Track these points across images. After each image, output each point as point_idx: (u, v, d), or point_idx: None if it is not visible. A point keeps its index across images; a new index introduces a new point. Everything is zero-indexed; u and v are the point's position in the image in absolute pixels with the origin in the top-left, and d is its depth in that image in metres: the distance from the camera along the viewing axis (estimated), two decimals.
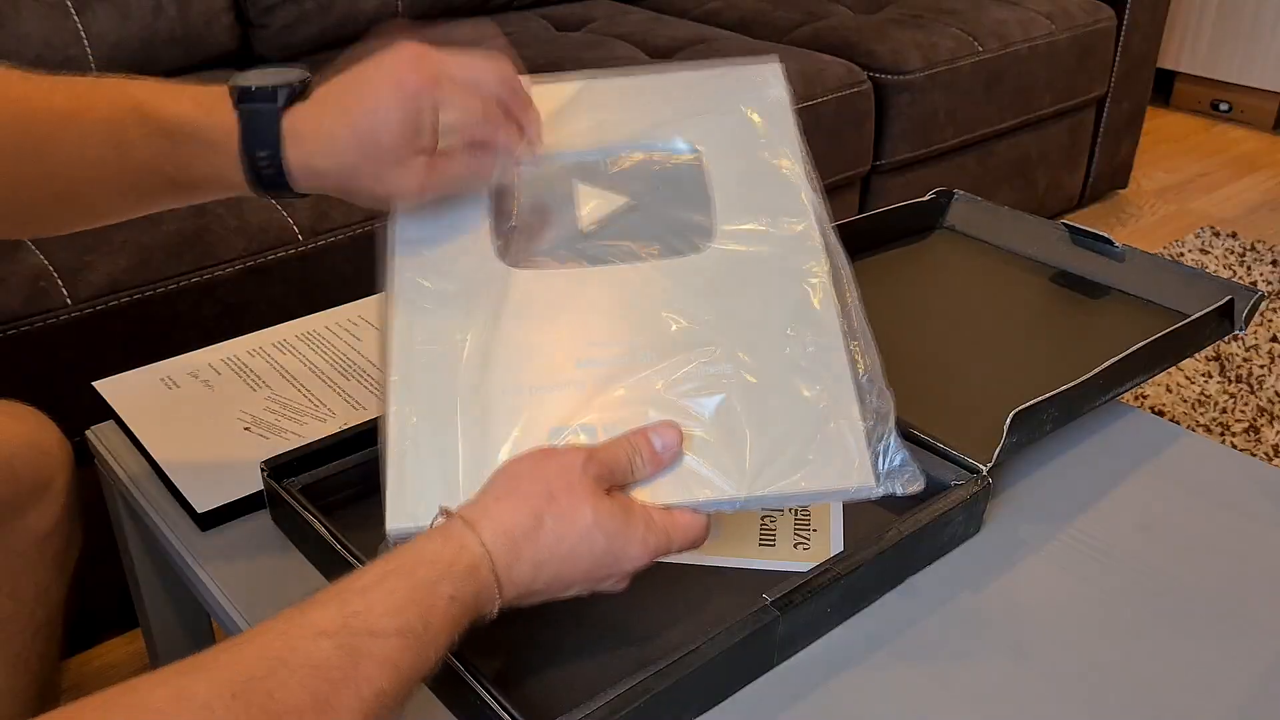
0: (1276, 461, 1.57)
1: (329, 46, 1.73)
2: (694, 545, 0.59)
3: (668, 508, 0.58)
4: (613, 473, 0.57)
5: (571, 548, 0.54)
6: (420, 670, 0.49)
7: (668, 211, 0.69)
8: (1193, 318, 0.85)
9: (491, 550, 0.52)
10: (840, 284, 0.65)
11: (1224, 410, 1.68)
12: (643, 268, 0.66)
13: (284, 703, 0.44)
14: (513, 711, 0.54)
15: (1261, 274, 2.10)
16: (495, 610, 0.53)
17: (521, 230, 0.68)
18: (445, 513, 0.55)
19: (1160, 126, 2.87)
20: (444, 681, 0.58)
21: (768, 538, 0.73)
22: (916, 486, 0.61)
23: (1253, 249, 2.19)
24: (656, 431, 0.59)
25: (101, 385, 0.88)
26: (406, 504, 0.58)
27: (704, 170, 0.70)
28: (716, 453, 0.59)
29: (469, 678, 0.56)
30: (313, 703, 0.44)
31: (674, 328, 0.63)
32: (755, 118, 0.72)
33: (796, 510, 0.75)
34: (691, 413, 0.60)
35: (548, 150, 0.68)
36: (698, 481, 0.59)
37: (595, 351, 0.62)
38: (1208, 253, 2.18)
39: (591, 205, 0.69)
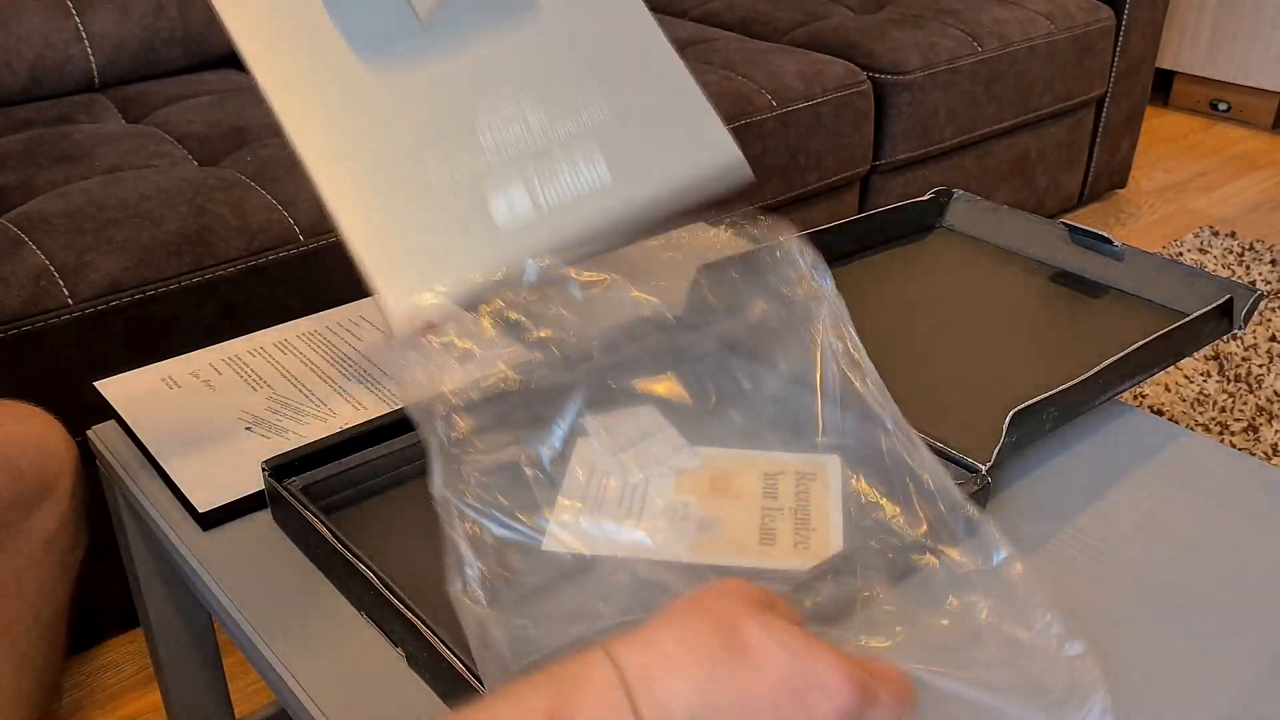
0: (1276, 461, 1.57)
1: None
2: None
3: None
4: None
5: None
6: None
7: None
8: (1192, 317, 0.85)
9: None
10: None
11: (1223, 409, 1.69)
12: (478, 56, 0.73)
13: None
14: None
15: (1260, 273, 2.10)
16: None
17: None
18: None
19: (1159, 126, 2.87)
20: (449, 683, 0.58)
21: (768, 537, 0.73)
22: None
23: (1251, 248, 2.19)
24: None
25: (103, 385, 0.88)
26: (405, 281, 0.56)
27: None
28: (609, 190, 0.66)
29: (472, 679, 0.56)
30: None
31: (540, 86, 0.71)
32: None
33: (796, 510, 0.75)
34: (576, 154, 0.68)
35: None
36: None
37: (492, 119, 0.69)
38: (1206, 252, 2.18)
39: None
